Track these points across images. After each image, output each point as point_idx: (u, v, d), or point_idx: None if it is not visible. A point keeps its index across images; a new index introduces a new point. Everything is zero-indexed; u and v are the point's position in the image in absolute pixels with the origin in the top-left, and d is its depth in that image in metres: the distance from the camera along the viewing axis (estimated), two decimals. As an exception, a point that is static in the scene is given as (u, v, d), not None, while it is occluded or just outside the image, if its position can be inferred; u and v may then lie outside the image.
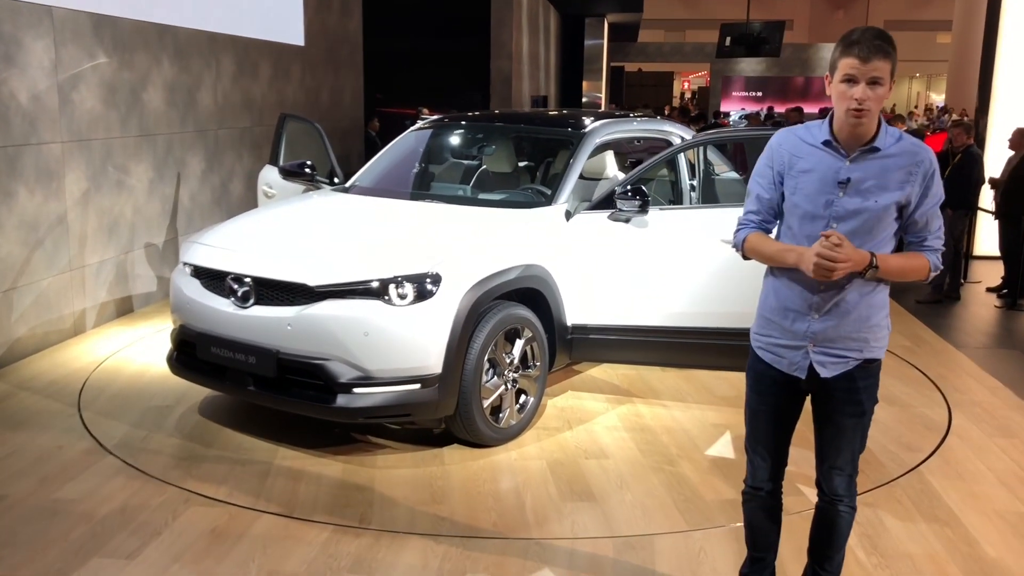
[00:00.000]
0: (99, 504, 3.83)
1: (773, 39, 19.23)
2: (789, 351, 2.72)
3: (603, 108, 27.77)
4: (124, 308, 6.84)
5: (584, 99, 26.20)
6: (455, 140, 6.09)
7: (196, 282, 4.51)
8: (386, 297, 4.06)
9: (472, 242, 4.45)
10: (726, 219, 4.80)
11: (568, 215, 4.90)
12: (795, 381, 2.74)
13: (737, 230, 2.84)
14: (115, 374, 5.49)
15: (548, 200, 4.97)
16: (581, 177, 5.57)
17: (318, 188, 5.82)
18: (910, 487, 4.17)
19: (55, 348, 6.00)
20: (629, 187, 4.76)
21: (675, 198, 5.95)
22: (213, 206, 8.14)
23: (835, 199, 2.59)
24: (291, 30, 9.88)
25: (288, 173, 5.94)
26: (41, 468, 4.15)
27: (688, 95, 45.87)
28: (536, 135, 5.88)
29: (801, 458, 4.37)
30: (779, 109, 24.03)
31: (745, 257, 2.83)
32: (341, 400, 4.06)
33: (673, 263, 4.79)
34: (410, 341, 4.07)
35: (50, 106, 5.92)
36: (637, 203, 4.70)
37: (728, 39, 19.72)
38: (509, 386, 4.52)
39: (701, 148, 5.94)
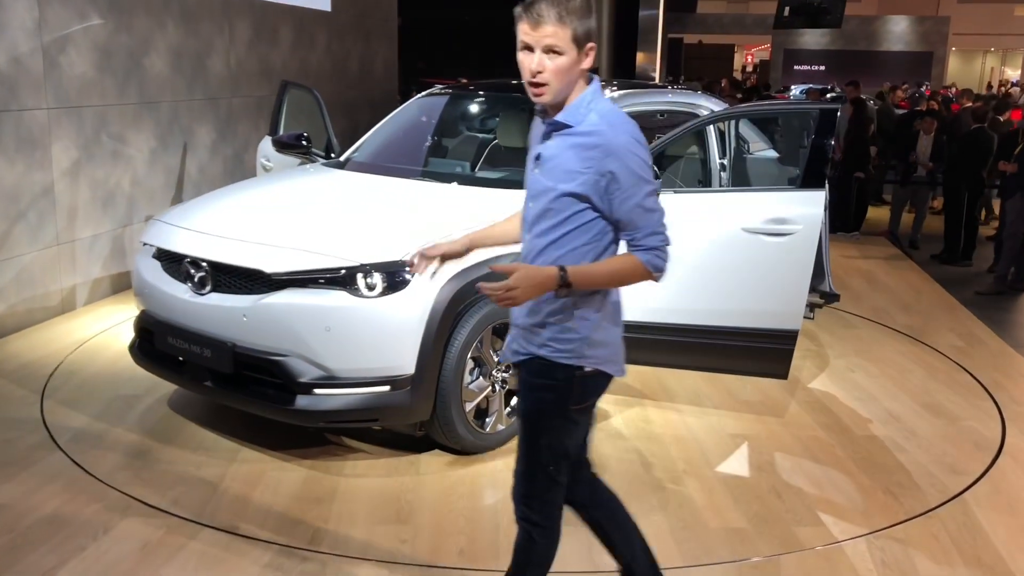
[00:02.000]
0: (29, 510, 3.46)
1: (835, 9, 18.20)
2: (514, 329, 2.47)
3: (657, 80, 26.92)
4: (121, 284, 6.50)
5: (637, 71, 25.36)
6: (461, 112, 5.59)
7: (157, 264, 4.11)
8: (353, 287, 3.60)
9: (456, 226, 3.95)
10: (748, 205, 4.27)
11: (574, 197, 4.38)
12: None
13: None
14: (92, 357, 5.14)
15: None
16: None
17: (313, 162, 5.37)
18: (951, 520, 3.61)
19: (40, 326, 5.68)
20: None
21: (704, 178, 5.38)
22: (225, 178, 7.75)
23: (532, 176, 2.36)
24: (316, -6, 9.44)
25: (283, 145, 5.50)
26: (-20, 465, 3.81)
27: (750, 68, 44.53)
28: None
29: (827, 481, 3.85)
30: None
31: None
32: (301, 402, 3.63)
33: (687, 254, 4.20)
34: (379, 337, 3.61)
35: (33, 70, 5.56)
36: (648, 185, 4.15)
37: (787, 9, 18.75)
38: (498, 387, 4.05)
39: (733, 123, 5.37)
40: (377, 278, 3.60)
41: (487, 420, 4.04)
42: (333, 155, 5.38)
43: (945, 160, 9.17)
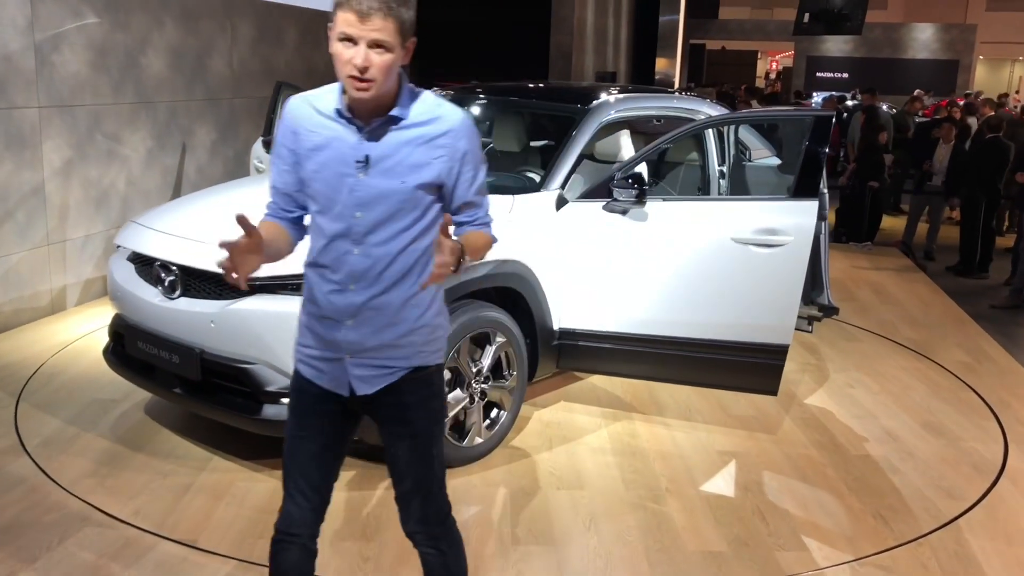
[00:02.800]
0: (-14, 518, 3.38)
1: (855, 16, 17.93)
2: (328, 364, 2.21)
3: (677, 86, 26.74)
4: (114, 285, 6.44)
5: (657, 77, 25.21)
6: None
7: (131, 267, 4.02)
8: (323, 294, 3.48)
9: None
10: (738, 214, 4.13)
11: (561, 203, 4.26)
12: (340, 399, 2.23)
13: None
14: (75, 359, 5.07)
15: (536, 186, 4.32)
16: (595, 160, 4.93)
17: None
18: (942, 547, 3.44)
19: (27, 327, 5.62)
20: (627, 173, 4.09)
21: (703, 186, 5.24)
22: (224, 179, 7.67)
23: (355, 182, 2.10)
24: (323, -5, 9.37)
25: (271, 147, 5.40)
26: (-57, 469, 3.73)
27: (773, 75, 44.20)
28: (539, 111, 5.21)
29: (815, 503, 3.69)
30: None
31: None
32: (268, 411, 3.53)
33: (674, 263, 4.11)
34: (349, 346, 3.49)
35: (24, 68, 5.51)
36: (634, 192, 4.03)
37: (807, 15, 18.49)
38: (476, 399, 3.93)
39: (732, 130, 5.22)
40: (348, 285, 3.48)
41: (464, 433, 3.92)
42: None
43: (952, 169, 8.95)
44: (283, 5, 8.47)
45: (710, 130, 5.07)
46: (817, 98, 23.79)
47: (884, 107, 14.23)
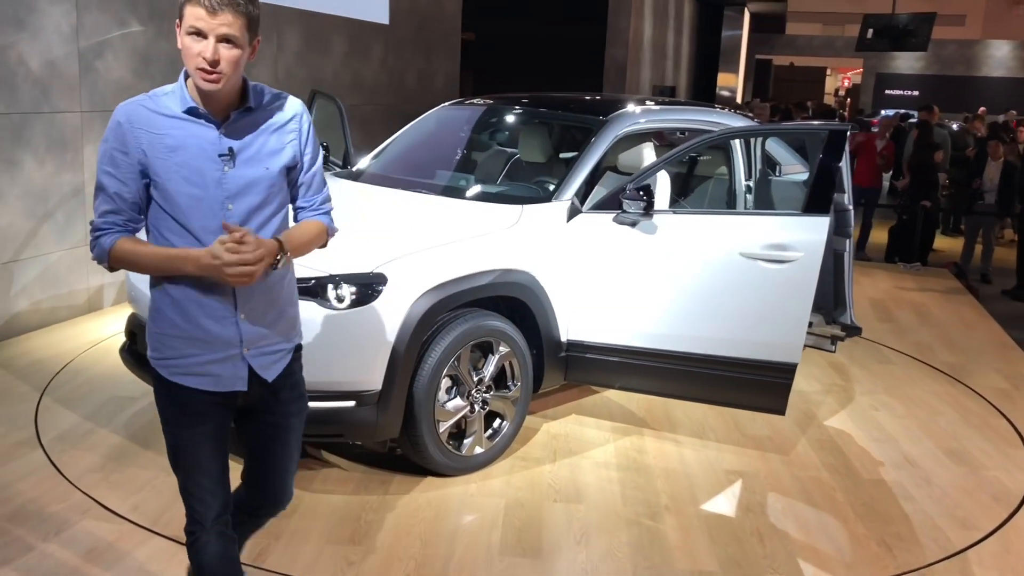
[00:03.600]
0: (-9, 507, 3.48)
1: (921, 32, 17.48)
2: (220, 365, 2.26)
3: (739, 101, 26.48)
4: (151, 287, 6.59)
5: (719, 92, 25.01)
6: (478, 125, 5.48)
7: (146, 267, 4.11)
8: (322, 298, 3.52)
9: (436, 240, 3.85)
10: (749, 228, 4.05)
11: (573, 214, 4.23)
12: (233, 396, 2.31)
13: (96, 237, 2.21)
14: (102, 357, 5.20)
15: (547, 196, 4.31)
16: (616, 171, 4.89)
17: (329, 171, 5.34)
18: (946, 578, 3.32)
19: (63, 324, 5.79)
20: (637, 185, 4.04)
21: (729, 201, 5.16)
22: (266, 186, 7.82)
23: (223, 176, 2.18)
24: (372, 7, 9.50)
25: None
26: (-41, 459, 3.86)
27: (843, 92, 43.46)
28: (561, 122, 5.19)
29: (817, 526, 3.54)
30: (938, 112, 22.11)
31: (111, 268, 2.23)
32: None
33: (681, 277, 4.05)
34: (345, 350, 3.53)
35: (68, 74, 5.69)
36: (642, 204, 3.98)
37: (870, 31, 18.12)
38: (477, 408, 3.92)
39: (759, 143, 5.14)
40: (346, 290, 3.52)
41: (464, 442, 3.91)
42: (350, 166, 5.36)
43: (1003, 187, 8.68)
44: (331, 16, 8.61)
45: (737, 144, 5.00)
46: (884, 115, 23.32)
47: (955, 125, 13.87)
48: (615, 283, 4.15)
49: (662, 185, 4.63)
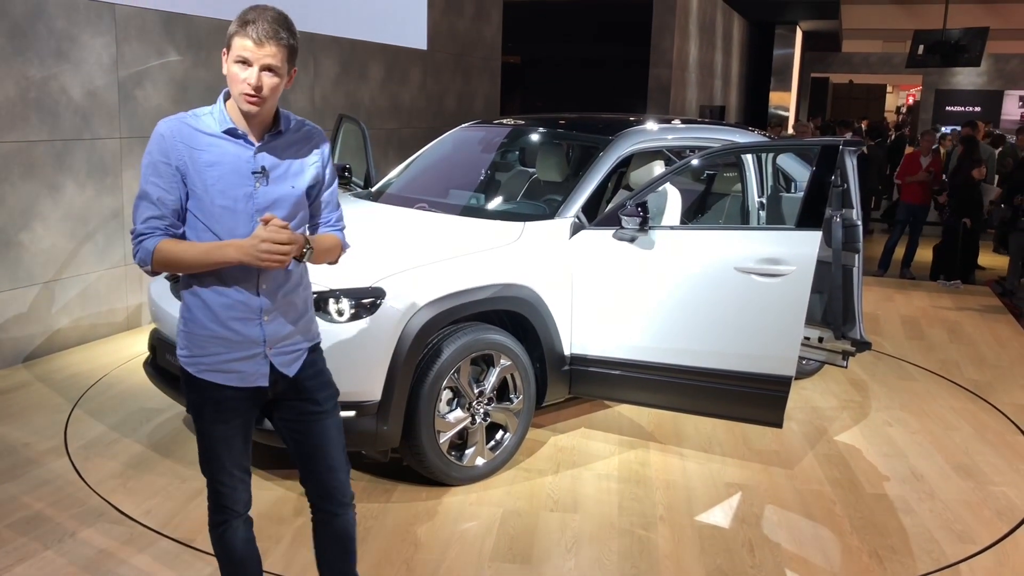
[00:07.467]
0: (16, 510, 3.68)
1: (973, 47, 17.18)
2: (245, 363, 2.45)
3: (793, 121, 26.25)
4: (189, 305, 6.85)
5: (771, 110, 24.85)
6: (493, 145, 5.62)
7: (166, 284, 4.32)
8: (323, 312, 3.68)
9: (436, 256, 3.98)
10: (743, 243, 4.11)
11: (576, 230, 4.33)
12: (259, 391, 2.51)
13: (139, 241, 2.37)
14: (135, 371, 5.41)
15: (552, 213, 4.41)
16: (629, 189, 4.99)
17: (351, 191, 5.53)
18: (935, 591, 3.31)
19: (103, 340, 6.06)
20: (636, 202, 4.13)
21: (742, 218, 5.21)
22: (303, 207, 8.06)
23: (254, 191, 2.38)
24: (410, 33, 9.74)
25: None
26: (-10, 465, 4.09)
27: (904, 108, 42.74)
28: (571, 141, 5.30)
29: (811, 538, 3.55)
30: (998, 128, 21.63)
31: (154, 272, 2.41)
32: (268, 423, 3.71)
33: (678, 291, 4.11)
34: (346, 362, 3.64)
35: (108, 102, 5.99)
36: (638, 220, 4.07)
37: (921, 47, 17.87)
38: (478, 419, 4.02)
39: (769, 159, 5.19)
40: (346, 304, 3.66)
41: (466, 452, 4.01)
42: (370, 187, 5.53)
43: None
44: (368, 42, 8.85)
45: (750, 161, 5.05)
46: (943, 132, 22.91)
47: (1011, 139, 13.60)
48: (614, 298, 4.23)
49: (673, 202, 4.71)
